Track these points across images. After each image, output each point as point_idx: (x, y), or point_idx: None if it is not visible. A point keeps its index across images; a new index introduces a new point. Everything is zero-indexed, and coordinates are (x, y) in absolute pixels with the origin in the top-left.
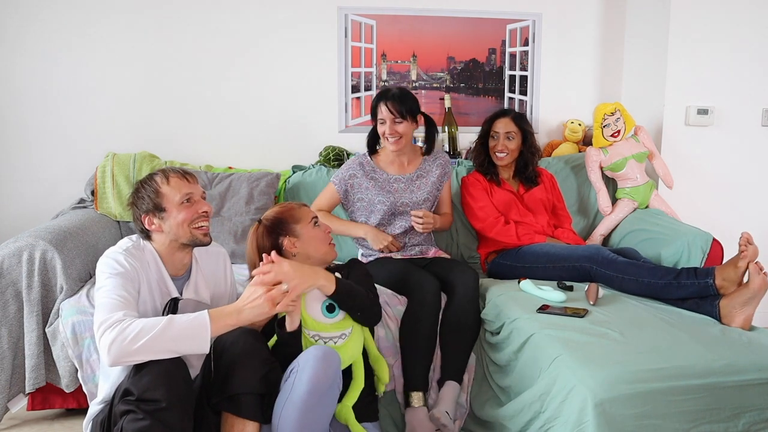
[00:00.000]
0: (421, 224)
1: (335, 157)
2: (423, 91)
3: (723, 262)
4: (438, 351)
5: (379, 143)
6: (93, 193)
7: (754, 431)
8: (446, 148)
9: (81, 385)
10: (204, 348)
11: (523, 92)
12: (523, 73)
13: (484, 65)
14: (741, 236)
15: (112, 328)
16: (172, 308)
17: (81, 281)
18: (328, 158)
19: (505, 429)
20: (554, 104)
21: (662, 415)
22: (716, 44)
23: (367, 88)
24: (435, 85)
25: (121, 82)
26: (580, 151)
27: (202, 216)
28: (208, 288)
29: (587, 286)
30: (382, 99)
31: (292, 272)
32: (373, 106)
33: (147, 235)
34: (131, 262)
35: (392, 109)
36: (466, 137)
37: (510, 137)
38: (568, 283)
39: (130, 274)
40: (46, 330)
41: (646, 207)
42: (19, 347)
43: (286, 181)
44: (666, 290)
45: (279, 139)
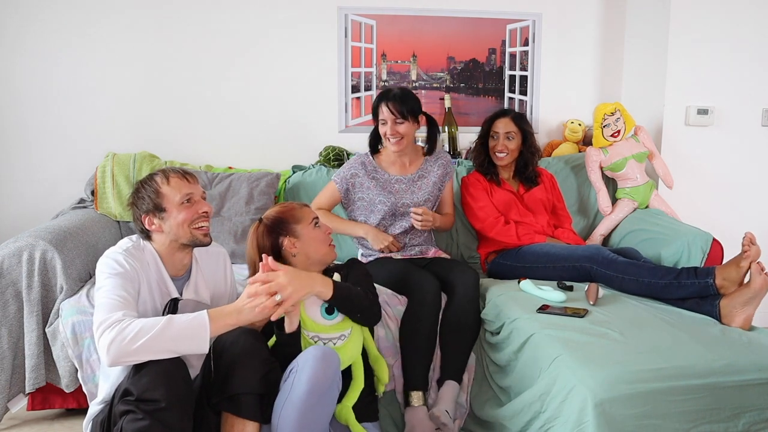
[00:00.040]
0: (420, 221)
1: (335, 157)
2: (423, 91)
3: (723, 262)
4: (438, 351)
5: (380, 143)
6: (93, 193)
7: (754, 431)
8: (446, 148)
9: (81, 385)
10: (203, 348)
11: (523, 92)
12: (523, 73)
13: (484, 65)
14: (744, 236)
15: (111, 328)
16: (172, 308)
17: (81, 281)
18: (328, 158)
19: (505, 429)
20: (554, 104)
21: (662, 415)
22: (716, 44)
23: (367, 88)
24: (435, 85)
25: (121, 82)
26: (580, 151)
27: (203, 216)
28: (208, 288)
29: (587, 286)
30: (383, 99)
31: (287, 282)
32: (374, 107)
33: (147, 235)
34: (131, 262)
35: (393, 109)
36: (466, 137)
37: (510, 137)
38: (568, 283)
39: (130, 274)
40: (46, 330)
41: (646, 207)
42: (19, 347)
43: (286, 181)
44: (666, 290)
45: (279, 139)
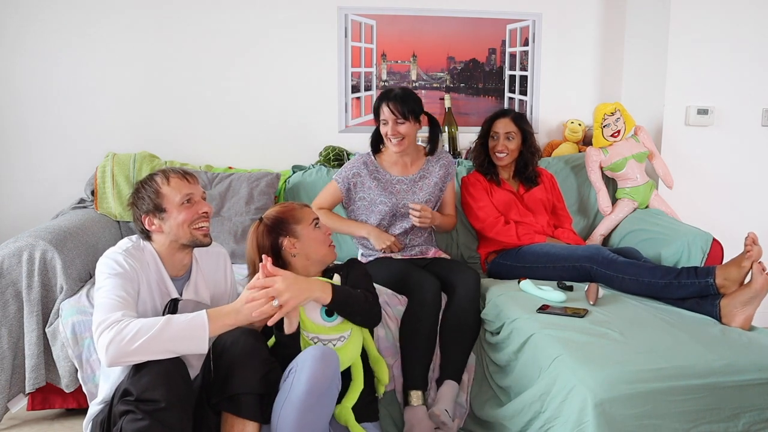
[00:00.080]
0: (418, 217)
1: (335, 157)
2: (423, 91)
3: (723, 262)
4: (438, 350)
5: (382, 143)
6: (93, 193)
7: (754, 431)
8: (446, 148)
9: (81, 385)
10: (202, 348)
11: (523, 92)
12: (523, 73)
13: (484, 65)
14: (747, 236)
15: (110, 329)
16: (171, 309)
17: (81, 281)
18: (328, 158)
19: (505, 429)
20: (554, 104)
21: (662, 415)
22: (716, 44)
23: (367, 88)
24: (435, 85)
25: (121, 82)
26: (580, 151)
27: (203, 217)
28: (208, 288)
29: (587, 286)
30: (384, 99)
31: (285, 288)
32: (375, 107)
33: (147, 235)
34: (131, 262)
35: (394, 109)
36: (466, 137)
37: (510, 137)
38: (568, 283)
39: (130, 274)
40: (46, 330)
41: (646, 207)
42: (19, 347)
43: (286, 181)
44: (666, 290)
45: (279, 139)
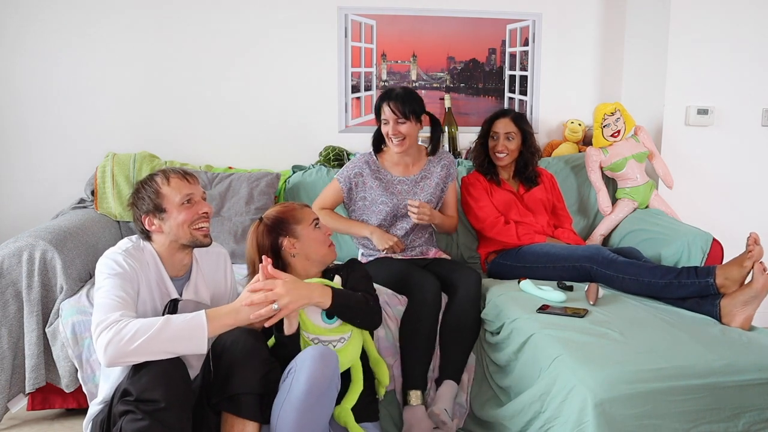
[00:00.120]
0: (416, 214)
1: (335, 157)
2: (423, 91)
3: (723, 262)
4: (437, 350)
5: (384, 143)
6: (93, 193)
7: (754, 431)
8: (446, 148)
9: (81, 385)
10: (201, 348)
11: (523, 92)
12: (523, 73)
13: (484, 65)
14: (749, 236)
15: (109, 329)
16: (171, 309)
17: (81, 281)
18: (328, 158)
19: (505, 429)
20: (554, 104)
21: (662, 415)
22: (716, 44)
23: (367, 88)
24: (435, 85)
25: (121, 82)
26: (580, 151)
27: (203, 217)
28: (208, 289)
29: (587, 286)
30: (385, 99)
31: (285, 292)
32: (376, 106)
33: (147, 235)
34: (130, 262)
35: (395, 109)
36: (466, 137)
37: (510, 137)
38: (568, 283)
39: (129, 274)
40: (46, 330)
41: (646, 207)
42: (19, 347)
43: (286, 181)
44: (666, 290)
45: (279, 139)
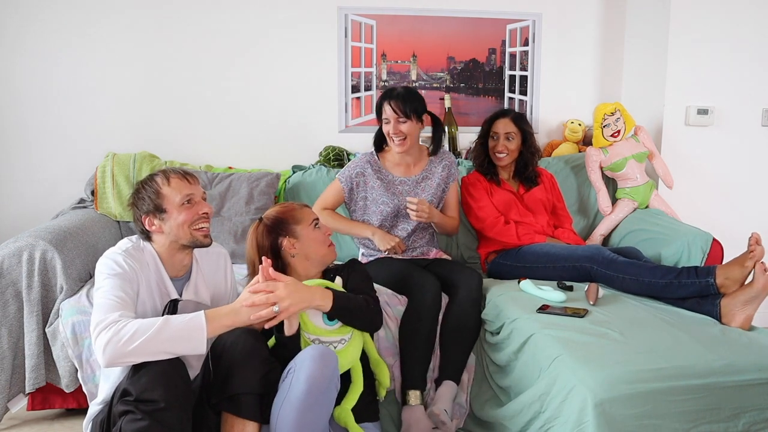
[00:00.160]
0: (415, 211)
1: (335, 157)
2: (423, 91)
3: (723, 262)
4: (437, 350)
5: (385, 143)
6: (93, 193)
7: (754, 431)
8: (446, 148)
9: (81, 385)
10: (200, 349)
11: (523, 92)
12: (523, 73)
13: (484, 65)
14: (751, 236)
15: (108, 329)
16: (171, 309)
17: (81, 281)
18: (328, 158)
19: (505, 429)
20: (554, 104)
21: (662, 415)
22: (716, 44)
23: (367, 88)
24: (435, 85)
25: (121, 82)
26: (580, 151)
27: (203, 217)
28: (208, 289)
29: (587, 286)
30: (386, 98)
31: (286, 295)
32: (377, 105)
33: (147, 236)
34: (130, 263)
35: (396, 108)
36: (466, 137)
37: (510, 138)
38: (568, 283)
39: (129, 275)
40: (46, 330)
41: (646, 207)
42: (19, 347)
43: (286, 181)
44: (667, 289)
45: (279, 139)
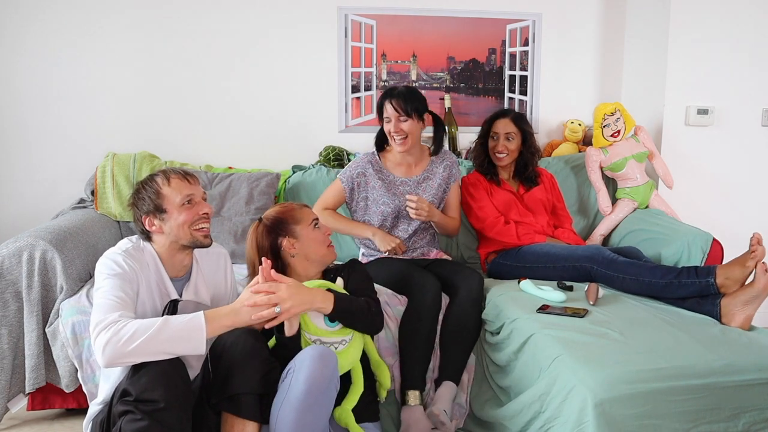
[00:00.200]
0: (414, 209)
1: (335, 157)
2: (423, 91)
3: (723, 262)
4: (437, 351)
5: (387, 143)
6: (93, 193)
7: (754, 431)
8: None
9: (81, 385)
10: (200, 349)
11: (523, 92)
12: (523, 73)
13: (484, 65)
14: (752, 236)
15: (107, 329)
16: (171, 310)
17: (81, 281)
18: (328, 158)
19: (505, 429)
20: (554, 104)
21: (662, 415)
22: (716, 44)
23: (367, 88)
24: (435, 85)
25: (121, 81)
26: (580, 151)
27: (203, 218)
28: (209, 289)
29: (587, 286)
30: (387, 97)
31: (288, 296)
32: (379, 105)
33: (147, 236)
34: (130, 263)
35: (397, 106)
36: (466, 137)
37: (510, 138)
38: (568, 283)
39: (129, 275)
40: (46, 330)
41: (646, 207)
42: (19, 347)
43: (286, 181)
44: (667, 289)
45: (279, 139)
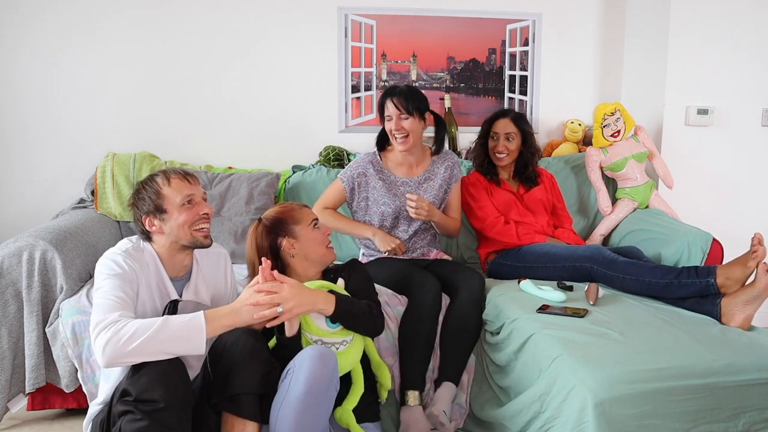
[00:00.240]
0: (414, 208)
1: (335, 157)
2: (423, 91)
3: (723, 262)
4: (437, 351)
5: (388, 142)
6: (93, 193)
7: (754, 431)
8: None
9: (81, 385)
10: (199, 349)
11: (523, 92)
12: (523, 73)
13: (484, 65)
14: (754, 236)
15: (107, 329)
16: (171, 310)
17: (81, 281)
18: (328, 158)
19: (505, 429)
20: (554, 104)
21: (662, 415)
22: (716, 44)
23: (367, 88)
24: (435, 85)
25: (121, 82)
26: (580, 151)
27: (203, 218)
28: (209, 289)
29: (587, 286)
30: (389, 95)
31: (290, 297)
32: (380, 103)
33: (147, 236)
34: (130, 263)
35: (398, 104)
36: (466, 137)
37: (510, 138)
38: (568, 283)
39: (129, 275)
40: (46, 330)
41: (646, 207)
42: (19, 347)
43: (286, 181)
44: (667, 289)
45: (279, 139)
